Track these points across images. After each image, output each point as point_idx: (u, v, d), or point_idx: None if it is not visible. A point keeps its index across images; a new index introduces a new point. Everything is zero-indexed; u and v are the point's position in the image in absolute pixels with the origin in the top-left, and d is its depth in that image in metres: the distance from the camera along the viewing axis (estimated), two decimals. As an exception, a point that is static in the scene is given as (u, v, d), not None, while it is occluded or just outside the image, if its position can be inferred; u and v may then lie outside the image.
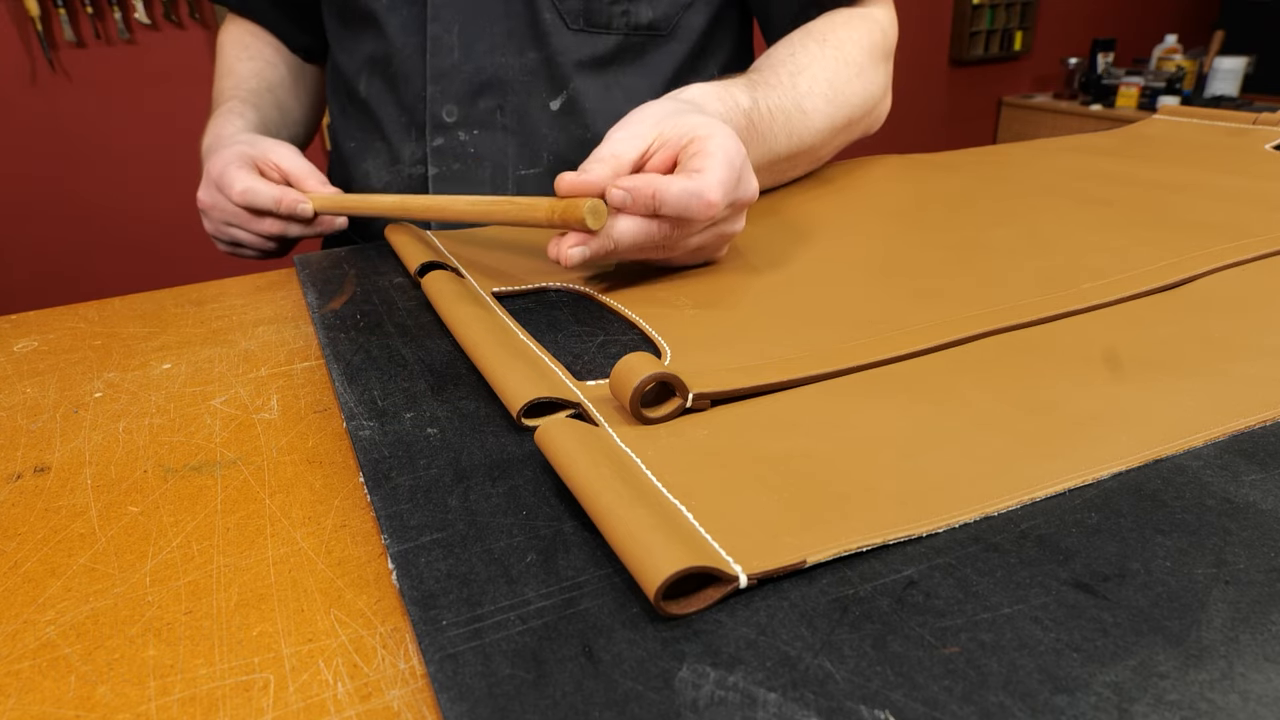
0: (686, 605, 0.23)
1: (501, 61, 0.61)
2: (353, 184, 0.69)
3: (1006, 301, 0.41)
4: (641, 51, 0.62)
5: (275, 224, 0.58)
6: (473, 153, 0.64)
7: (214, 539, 0.29)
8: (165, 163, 2.09)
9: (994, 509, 0.26)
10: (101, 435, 0.36)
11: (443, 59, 0.61)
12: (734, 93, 0.52)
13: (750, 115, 0.53)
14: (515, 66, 0.61)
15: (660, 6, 0.62)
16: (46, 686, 0.23)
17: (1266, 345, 0.36)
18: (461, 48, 0.60)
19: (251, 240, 0.59)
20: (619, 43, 0.61)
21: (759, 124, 0.54)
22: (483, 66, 0.61)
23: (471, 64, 0.61)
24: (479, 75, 0.61)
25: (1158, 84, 2.64)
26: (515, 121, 0.63)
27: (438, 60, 0.61)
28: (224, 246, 0.62)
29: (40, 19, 1.85)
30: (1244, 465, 0.28)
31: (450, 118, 0.62)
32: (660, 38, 0.62)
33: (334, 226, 0.59)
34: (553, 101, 0.63)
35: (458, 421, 0.34)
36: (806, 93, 0.58)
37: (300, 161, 0.58)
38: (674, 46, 0.63)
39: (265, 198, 0.56)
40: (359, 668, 0.23)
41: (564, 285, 0.48)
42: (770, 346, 0.38)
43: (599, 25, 0.60)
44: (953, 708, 0.19)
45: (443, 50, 0.60)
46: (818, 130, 0.59)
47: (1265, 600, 0.22)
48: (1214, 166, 0.65)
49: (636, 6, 0.61)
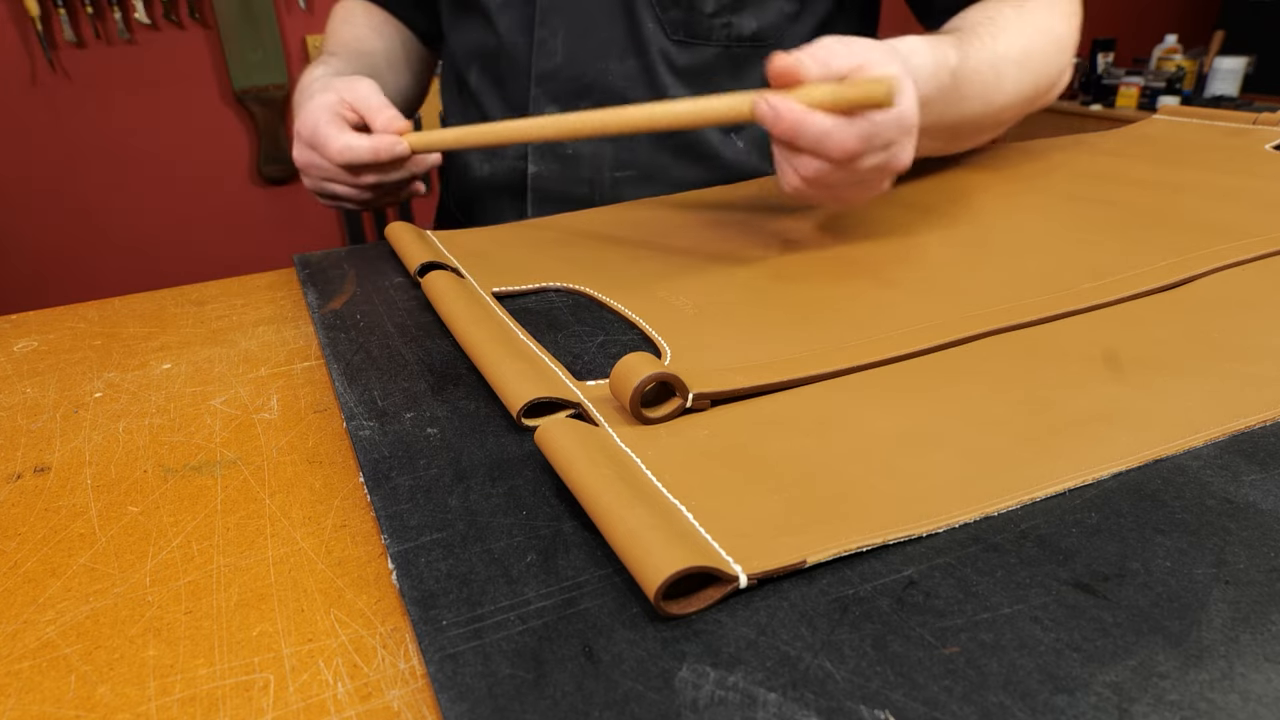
0: (686, 605, 0.23)
1: (602, 67, 0.62)
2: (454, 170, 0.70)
3: (1006, 301, 0.41)
4: (743, 62, 0.62)
5: (373, 175, 0.57)
6: (570, 153, 0.64)
7: (214, 539, 0.29)
8: (165, 163, 2.09)
9: (994, 509, 0.26)
10: (101, 435, 0.36)
11: (547, 61, 0.62)
12: (944, 49, 0.51)
13: (956, 74, 0.52)
14: (615, 72, 0.62)
15: (766, 16, 0.61)
16: (46, 686, 0.23)
17: (1266, 345, 0.36)
18: (565, 52, 0.62)
19: (351, 194, 0.59)
20: (719, 53, 0.62)
21: (962, 84, 0.53)
22: (584, 71, 0.62)
23: (574, 68, 0.62)
24: (580, 79, 0.62)
25: (1158, 84, 2.63)
26: None
27: (542, 62, 0.62)
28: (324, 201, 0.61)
29: (40, 19, 1.85)
30: (1244, 465, 0.28)
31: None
32: (764, 48, 0.62)
33: (426, 165, 0.58)
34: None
35: (458, 421, 0.34)
36: (1004, 56, 0.56)
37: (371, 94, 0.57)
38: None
39: (363, 151, 0.55)
40: (359, 668, 0.23)
41: (564, 285, 0.48)
42: (770, 346, 0.38)
43: (699, 36, 0.61)
44: (953, 708, 0.19)
45: (547, 53, 0.62)
46: (1010, 96, 0.58)
47: (1265, 600, 0.22)
48: (1214, 166, 0.64)
49: (740, 18, 0.61)
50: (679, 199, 0.64)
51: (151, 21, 1.98)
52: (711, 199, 0.63)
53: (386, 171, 0.57)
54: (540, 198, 0.66)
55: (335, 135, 0.55)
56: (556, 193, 0.65)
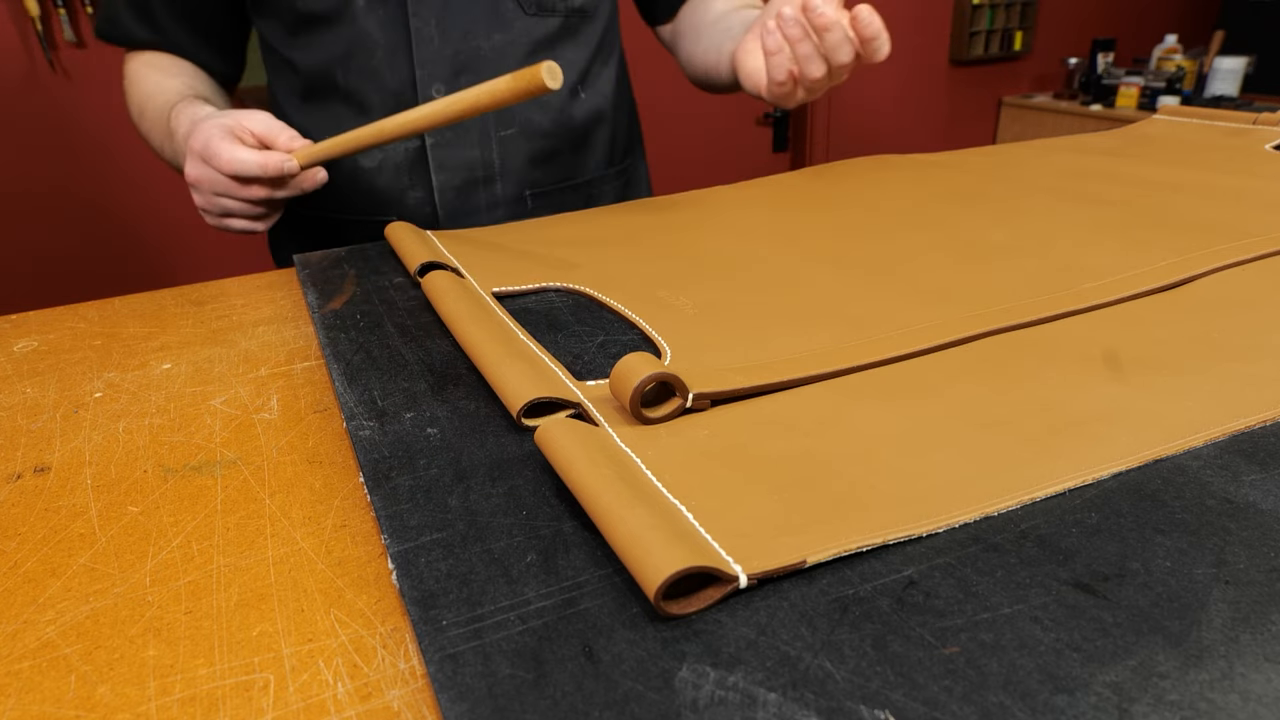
0: (686, 605, 0.23)
1: (474, 45, 0.71)
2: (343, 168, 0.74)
3: (1007, 301, 0.41)
4: (576, 30, 0.76)
5: (262, 189, 0.60)
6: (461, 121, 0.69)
7: (214, 539, 0.29)
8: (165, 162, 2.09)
9: (994, 509, 0.26)
10: (101, 435, 0.36)
11: (425, 47, 0.70)
12: None
13: None
14: (486, 47, 0.71)
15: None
16: (46, 686, 0.23)
17: (1266, 345, 0.36)
18: (439, 36, 0.70)
19: (241, 209, 0.62)
20: (561, 23, 0.74)
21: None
22: (460, 50, 0.71)
23: (450, 48, 0.70)
24: (458, 57, 0.71)
25: (1158, 84, 2.63)
26: None
27: (422, 49, 0.70)
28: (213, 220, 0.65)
29: (40, 19, 1.85)
30: (1244, 465, 0.28)
31: (438, 94, 0.71)
32: (588, 18, 0.76)
33: (315, 181, 0.61)
34: None
35: (458, 421, 0.34)
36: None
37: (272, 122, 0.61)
38: (595, 24, 0.77)
39: (251, 164, 0.58)
40: (359, 668, 0.23)
41: (564, 285, 0.48)
42: (770, 346, 0.38)
43: (546, 9, 0.73)
44: (953, 708, 0.19)
45: (424, 40, 0.70)
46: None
47: (1265, 600, 0.22)
48: (1214, 166, 0.64)
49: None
50: (679, 199, 0.64)
51: (151, 21, 1.98)
52: (712, 199, 0.63)
53: (274, 187, 0.61)
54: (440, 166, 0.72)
55: (227, 149, 0.59)
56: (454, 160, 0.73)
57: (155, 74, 0.76)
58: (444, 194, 0.73)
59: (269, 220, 0.64)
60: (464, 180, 0.73)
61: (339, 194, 0.75)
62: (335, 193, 0.74)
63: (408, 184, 0.73)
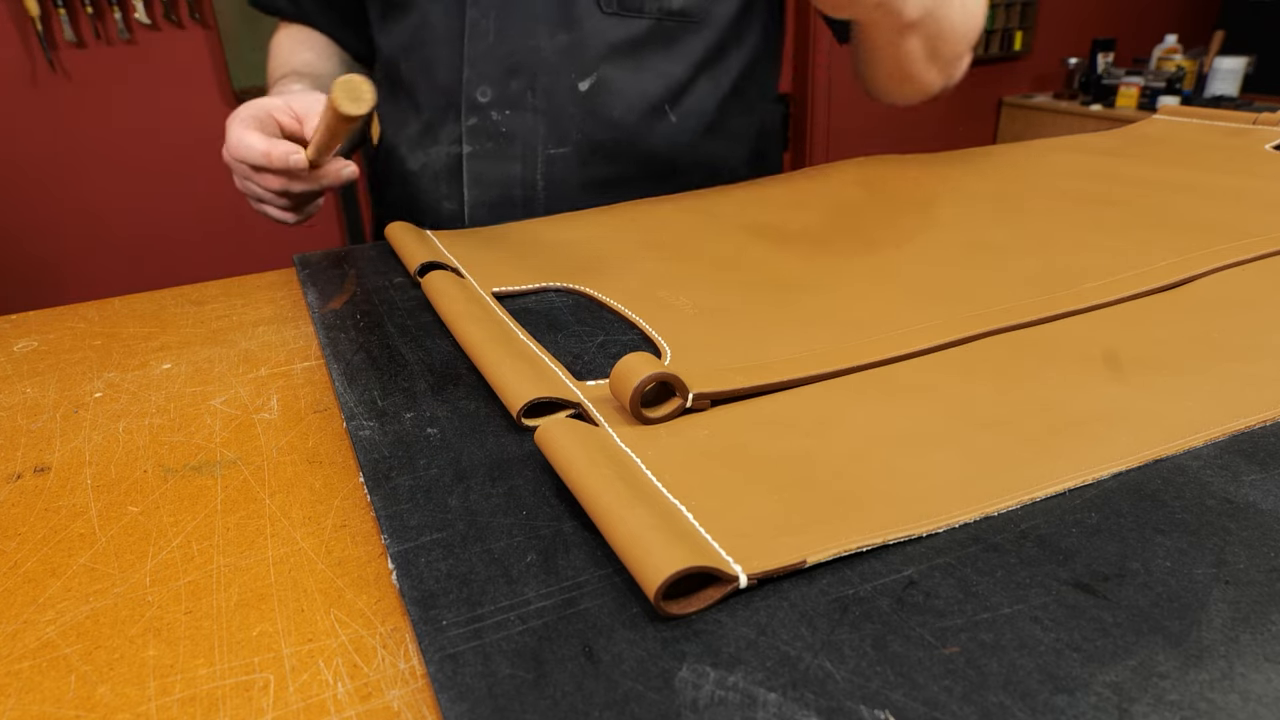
0: (686, 605, 0.23)
1: (533, 44, 0.63)
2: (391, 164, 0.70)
3: (1007, 302, 0.41)
4: (673, 37, 0.64)
5: (276, 179, 0.56)
6: (504, 132, 0.65)
7: (214, 539, 0.29)
8: (165, 162, 2.09)
9: (994, 509, 0.26)
10: (101, 435, 0.36)
11: (478, 42, 0.63)
12: None
13: None
14: (547, 49, 0.63)
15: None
16: (46, 686, 0.23)
17: (1267, 345, 0.36)
18: (496, 31, 0.63)
19: (268, 196, 0.59)
20: (650, 27, 0.63)
21: None
22: (515, 49, 0.63)
23: (505, 46, 0.63)
24: (512, 57, 0.63)
25: (1158, 84, 2.63)
26: (545, 102, 0.64)
27: (474, 44, 0.63)
28: (253, 204, 0.62)
29: (40, 19, 1.85)
30: (1244, 465, 0.28)
31: (484, 98, 0.64)
32: (692, 24, 0.64)
33: (340, 176, 0.57)
34: (582, 83, 0.64)
35: (458, 421, 0.34)
36: None
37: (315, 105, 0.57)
38: (705, 33, 0.65)
39: (255, 153, 0.54)
40: (359, 668, 0.23)
41: (564, 285, 0.48)
42: (770, 346, 0.38)
43: (632, 9, 0.62)
44: (953, 708, 0.19)
45: (479, 34, 0.63)
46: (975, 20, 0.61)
47: (1265, 600, 0.22)
48: (1214, 166, 0.64)
49: None
50: (679, 199, 0.64)
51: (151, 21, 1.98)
52: (712, 200, 0.63)
53: (289, 181, 0.57)
54: (475, 179, 0.67)
55: (238, 134, 0.55)
56: (492, 175, 0.66)
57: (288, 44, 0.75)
58: (475, 210, 0.66)
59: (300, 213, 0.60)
60: (498, 197, 0.66)
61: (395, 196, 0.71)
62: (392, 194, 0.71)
63: (444, 193, 0.68)
